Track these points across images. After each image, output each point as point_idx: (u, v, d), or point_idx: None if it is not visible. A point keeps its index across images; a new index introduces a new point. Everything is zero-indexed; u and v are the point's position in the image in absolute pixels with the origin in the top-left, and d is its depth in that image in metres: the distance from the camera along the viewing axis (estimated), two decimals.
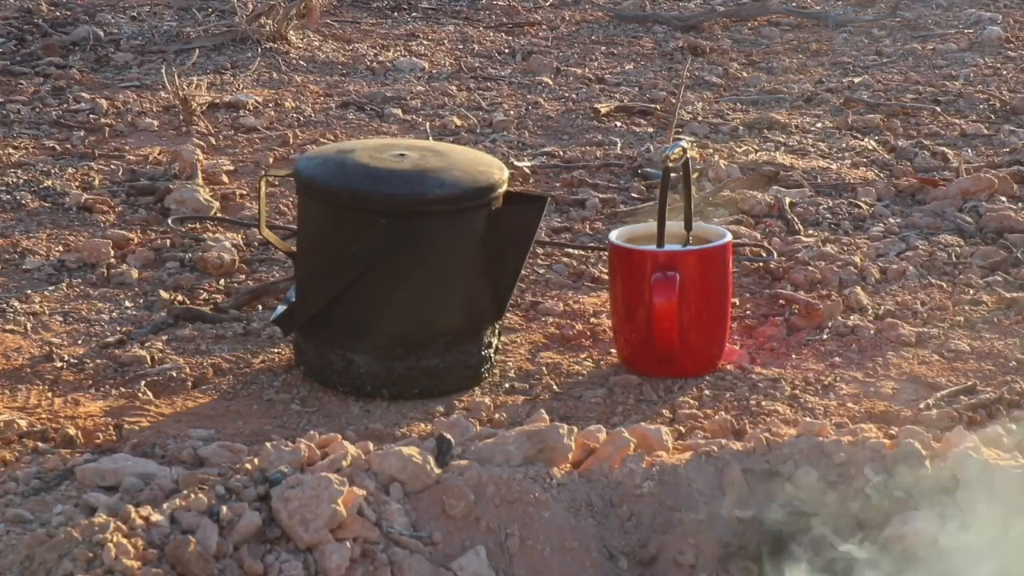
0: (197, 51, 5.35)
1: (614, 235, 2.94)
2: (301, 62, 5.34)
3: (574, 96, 4.99)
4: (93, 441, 2.57)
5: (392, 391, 2.79)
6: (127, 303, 3.24)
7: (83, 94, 4.80)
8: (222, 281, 3.36)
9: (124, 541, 2.06)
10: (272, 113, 4.67)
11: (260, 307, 3.22)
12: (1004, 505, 2.26)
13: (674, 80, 5.14)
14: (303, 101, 4.83)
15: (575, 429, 2.41)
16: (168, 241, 3.57)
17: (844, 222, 3.77)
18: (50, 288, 3.30)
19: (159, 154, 4.21)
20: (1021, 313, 3.20)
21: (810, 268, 3.40)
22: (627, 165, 4.22)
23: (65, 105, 4.70)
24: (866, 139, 4.49)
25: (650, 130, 4.61)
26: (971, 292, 3.32)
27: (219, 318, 3.14)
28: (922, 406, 2.76)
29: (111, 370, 2.90)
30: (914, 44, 5.80)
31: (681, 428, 2.66)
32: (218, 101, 4.72)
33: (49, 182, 3.96)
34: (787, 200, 3.86)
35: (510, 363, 2.96)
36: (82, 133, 4.43)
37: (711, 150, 4.34)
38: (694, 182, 3.03)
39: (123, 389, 2.81)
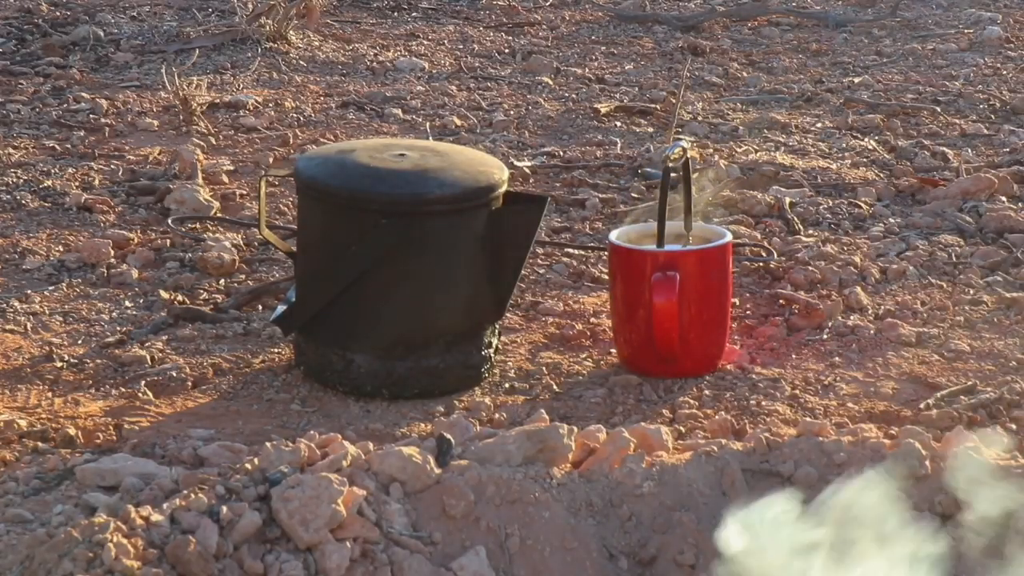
0: (197, 51, 5.35)
1: (614, 235, 2.94)
2: (301, 62, 5.34)
3: (574, 96, 4.99)
4: (93, 441, 2.57)
5: (392, 391, 2.79)
6: (127, 303, 3.24)
7: (83, 94, 4.80)
8: (222, 281, 3.36)
9: (124, 541, 2.06)
10: (272, 113, 4.67)
11: (260, 307, 3.22)
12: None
13: (674, 80, 5.14)
14: (303, 101, 4.83)
15: (575, 429, 2.41)
16: (168, 241, 3.57)
17: (844, 222, 3.77)
18: (50, 288, 3.30)
19: (159, 154, 4.21)
20: (1021, 313, 3.19)
21: (810, 268, 3.40)
22: (627, 165, 4.22)
23: (65, 105, 4.70)
24: (866, 139, 4.49)
25: (650, 130, 4.61)
26: (971, 292, 3.31)
27: (219, 318, 3.14)
28: (922, 406, 2.76)
29: (111, 370, 2.90)
30: (914, 44, 5.80)
31: (681, 428, 2.65)
32: (218, 101, 4.72)
33: (49, 182, 3.96)
34: (787, 200, 3.86)
35: (510, 363, 2.96)
36: (82, 133, 4.43)
37: (711, 150, 4.34)
38: (694, 182, 3.03)
39: (123, 389, 2.81)
